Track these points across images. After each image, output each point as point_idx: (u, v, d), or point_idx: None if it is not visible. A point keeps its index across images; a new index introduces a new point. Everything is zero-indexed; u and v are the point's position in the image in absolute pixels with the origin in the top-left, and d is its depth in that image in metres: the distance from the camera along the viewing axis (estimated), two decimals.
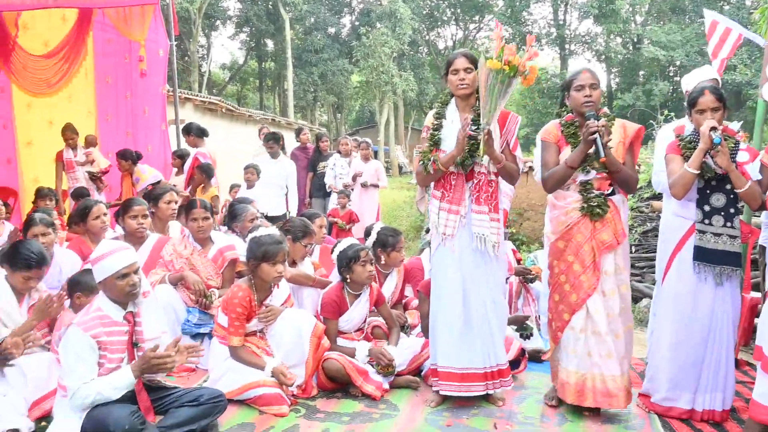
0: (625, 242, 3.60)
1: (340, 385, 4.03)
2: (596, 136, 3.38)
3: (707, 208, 3.53)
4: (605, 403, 3.55)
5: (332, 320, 4.26)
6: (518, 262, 5.54)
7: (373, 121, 37.94)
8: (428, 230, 4.30)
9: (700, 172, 3.45)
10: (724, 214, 3.50)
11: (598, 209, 3.52)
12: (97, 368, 3.09)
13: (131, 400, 3.15)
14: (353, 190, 9.17)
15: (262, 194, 7.90)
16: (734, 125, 3.73)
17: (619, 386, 3.52)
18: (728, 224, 3.50)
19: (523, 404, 3.85)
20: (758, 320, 3.33)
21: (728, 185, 3.49)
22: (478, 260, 3.70)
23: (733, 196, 3.50)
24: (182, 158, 7.92)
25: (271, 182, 8.34)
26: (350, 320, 4.34)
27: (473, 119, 3.61)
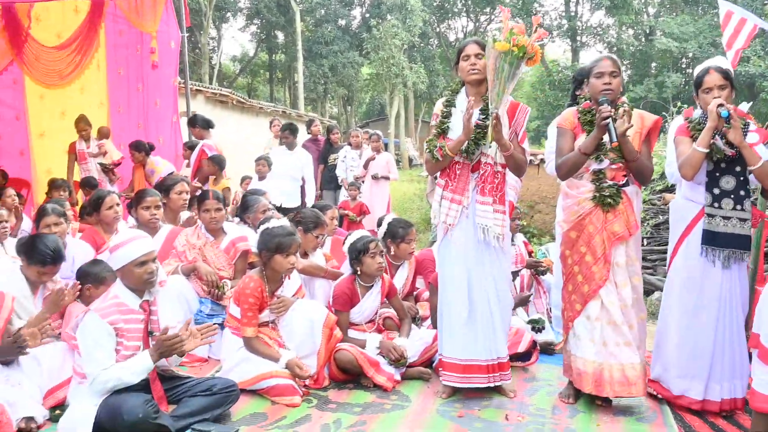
0: (637, 234, 3.58)
1: (351, 376, 4.04)
2: (609, 121, 3.35)
3: (717, 191, 3.49)
4: (624, 392, 3.50)
5: (344, 312, 4.27)
6: (529, 254, 5.53)
7: (383, 113, 37.83)
8: None
9: (709, 151, 3.40)
10: (734, 196, 3.46)
11: (609, 199, 3.50)
12: (114, 355, 3.13)
13: (145, 389, 3.20)
14: (364, 182, 9.16)
15: (275, 186, 7.84)
16: (743, 106, 3.68)
17: (638, 374, 3.49)
18: (738, 207, 3.46)
19: (534, 396, 3.85)
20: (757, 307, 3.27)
21: (738, 167, 3.45)
22: (482, 252, 3.70)
23: (743, 178, 3.46)
24: (193, 150, 7.94)
25: (286, 174, 8.17)
26: (362, 312, 4.34)
27: (482, 109, 3.60)
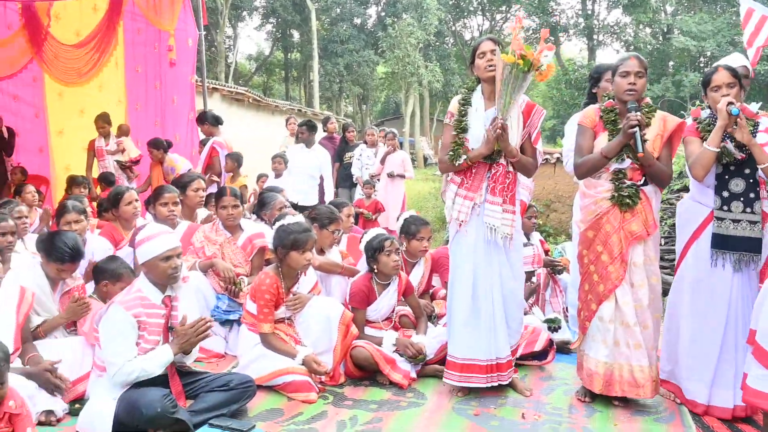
0: (656, 233, 3.55)
1: (367, 373, 4.05)
2: (636, 129, 3.32)
3: (726, 194, 3.45)
4: (632, 392, 3.51)
5: (360, 310, 4.27)
6: (546, 253, 5.51)
7: (398, 112, 37.85)
8: None
9: (719, 151, 3.37)
10: (743, 199, 3.43)
11: (628, 199, 3.47)
12: (136, 348, 3.17)
13: (164, 384, 3.23)
14: (379, 180, 9.16)
15: (292, 183, 7.79)
16: (753, 106, 3.64)
17: (646, 377, 3.48)
18: (748, 209, 3.42)
19: (551, 395, 3.83)
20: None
21: (747, 170, 3.41)
22: (491, 251, 3.68)
23: (752, 180, 3.42)
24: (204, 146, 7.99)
25: (303, 171, 8.01)
26: (378, 310, 4.35)
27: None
